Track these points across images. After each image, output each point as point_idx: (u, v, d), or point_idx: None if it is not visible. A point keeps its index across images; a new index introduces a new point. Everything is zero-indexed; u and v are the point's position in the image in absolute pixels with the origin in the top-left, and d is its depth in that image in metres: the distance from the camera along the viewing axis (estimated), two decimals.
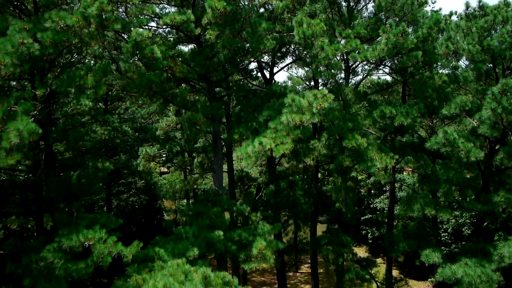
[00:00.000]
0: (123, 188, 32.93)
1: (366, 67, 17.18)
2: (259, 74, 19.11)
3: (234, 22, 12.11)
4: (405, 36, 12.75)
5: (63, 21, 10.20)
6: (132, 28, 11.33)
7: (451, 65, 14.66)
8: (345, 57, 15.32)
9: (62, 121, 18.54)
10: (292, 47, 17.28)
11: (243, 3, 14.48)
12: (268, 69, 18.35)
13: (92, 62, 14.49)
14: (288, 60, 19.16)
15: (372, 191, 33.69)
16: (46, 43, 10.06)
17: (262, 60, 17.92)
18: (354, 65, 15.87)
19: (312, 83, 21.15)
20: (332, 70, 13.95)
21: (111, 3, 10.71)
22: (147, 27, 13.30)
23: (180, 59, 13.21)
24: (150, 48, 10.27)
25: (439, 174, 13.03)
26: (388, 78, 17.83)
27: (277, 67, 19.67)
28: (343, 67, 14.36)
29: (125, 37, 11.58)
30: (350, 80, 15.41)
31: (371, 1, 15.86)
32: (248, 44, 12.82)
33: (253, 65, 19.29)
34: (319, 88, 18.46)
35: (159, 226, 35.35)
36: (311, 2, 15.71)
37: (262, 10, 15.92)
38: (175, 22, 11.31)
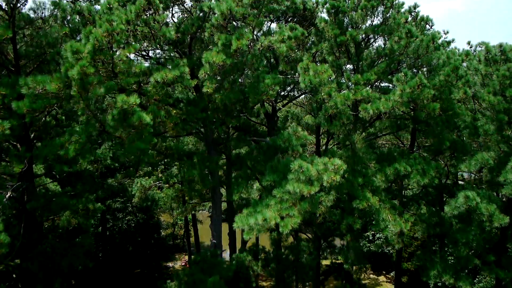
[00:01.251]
0: (119, 207, 31.88)
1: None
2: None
3: (234, 73, 10.97)
4: (422, 88, 11.63)
5: (41, 85, 9.06)
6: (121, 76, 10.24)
7: (469, 111, 13.57)
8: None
9: (49, 158, 17.36)
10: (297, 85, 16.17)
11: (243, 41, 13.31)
12: (271, 105, 17.21)
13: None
14: (292, 91, 18.03)
15: None
16: (23, 112, 8.93)
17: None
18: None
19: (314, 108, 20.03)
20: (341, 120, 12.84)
21: (95, 62, 9.54)
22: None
23: (174, 111, 12.07)
24: (138, 116, 9.10)
25: (458, 236, 11.96)
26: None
27: (280, 100, 18.58)
28: (352, 117, 13.23)
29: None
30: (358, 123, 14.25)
31: (380, 37, 14.72)
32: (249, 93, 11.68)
33: None
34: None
35: (156, 245, 34.37)
36: (318, 39, 14.60)
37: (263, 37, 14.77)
38: (167, 80, 10.15)
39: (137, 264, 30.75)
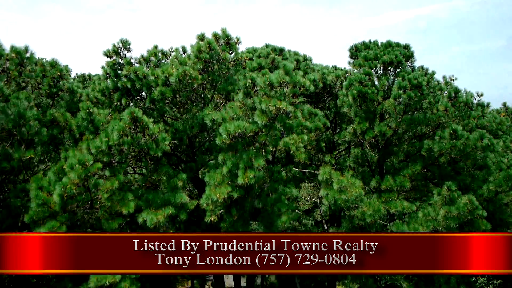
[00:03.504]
0: None
1: None
2: None
3: (243, 205, 8.89)
4: (472, 210, 9.51)
5: None
6: None
7: None
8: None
9: None
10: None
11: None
12: None
13: None
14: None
15: None
16: None
17: None
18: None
19: None
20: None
21: (65, 208, 7.48)
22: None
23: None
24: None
25: None
26: None
27: None
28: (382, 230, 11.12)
29: None
30: None
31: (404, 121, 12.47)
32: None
33: None
34: None
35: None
36: (340, 127, 12.54)
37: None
38: (159, 223, 8.09)
39: None
